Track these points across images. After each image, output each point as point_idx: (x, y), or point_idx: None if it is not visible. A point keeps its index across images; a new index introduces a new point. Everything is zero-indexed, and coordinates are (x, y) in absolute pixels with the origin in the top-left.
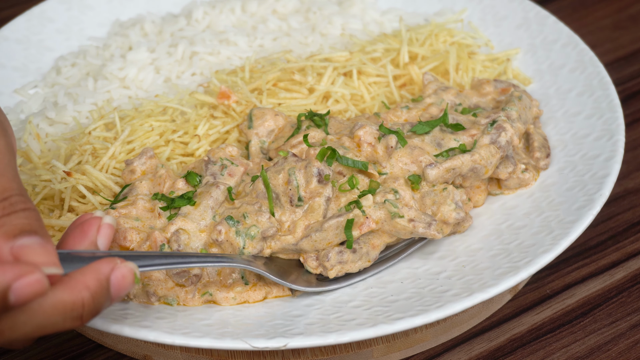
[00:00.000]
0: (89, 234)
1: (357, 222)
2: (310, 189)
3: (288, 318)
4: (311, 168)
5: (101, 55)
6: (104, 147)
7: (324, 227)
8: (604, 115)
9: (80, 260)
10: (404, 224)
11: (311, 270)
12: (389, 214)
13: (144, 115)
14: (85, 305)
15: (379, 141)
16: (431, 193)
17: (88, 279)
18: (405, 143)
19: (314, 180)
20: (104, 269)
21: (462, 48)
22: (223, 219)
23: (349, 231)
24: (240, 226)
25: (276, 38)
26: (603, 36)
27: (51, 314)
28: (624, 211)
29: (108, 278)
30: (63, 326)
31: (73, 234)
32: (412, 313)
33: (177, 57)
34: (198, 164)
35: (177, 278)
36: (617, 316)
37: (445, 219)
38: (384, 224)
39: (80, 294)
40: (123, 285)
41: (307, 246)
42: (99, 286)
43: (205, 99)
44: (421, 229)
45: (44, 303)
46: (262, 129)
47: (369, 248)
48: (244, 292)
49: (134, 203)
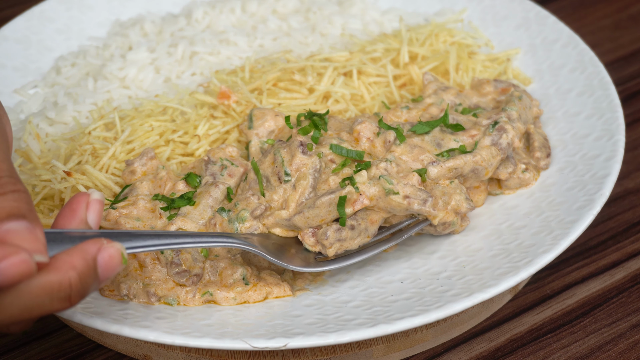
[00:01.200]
0: (78, 211)
1: (350, 199)
2: (296, 163)
3: (288, 318)
4: (294, 142)
5: (101, 55)
6: (104, 147)
7: (316, 204)
8: (604, 115)
9: (70, 241)
10: (399, 201)
11: (309, 248)
12: (383, 190)
13: (144, 115)
14: (73, 285)
15: (378, 136)
16: (439, 186)
17: (74, 260)
18: (403, 139)
19: (298, 153)
20: (91, 249)
21: (462, 48)
22: (216, 212)
23: (342, 208)
24: (231, 214)
25: (276, 38)
26: (603, 36)
27: (38, 295)
28: (624, 211)
29: (95, 258)
30: (51, 307)
31: (63, 213)
32: (412, 313)
33: (177, 57)
34: (198, 163)
35: (178, 278)
36: (618, 316)
37: (457, 208)
38: (378, 200)
39: (67, 274)
40: (110, 265)
41: (301, 222)
42: (85, 266)
43: (205, 99)
44: (416, 206)
45: (31, 284)
46: (262, 129)
47: (367, 224)
48: (244, 293)
49: (135, 203)
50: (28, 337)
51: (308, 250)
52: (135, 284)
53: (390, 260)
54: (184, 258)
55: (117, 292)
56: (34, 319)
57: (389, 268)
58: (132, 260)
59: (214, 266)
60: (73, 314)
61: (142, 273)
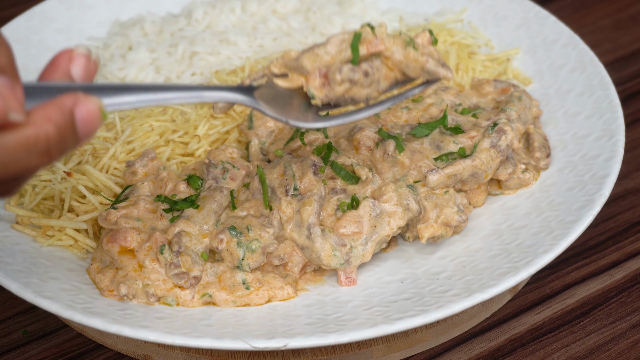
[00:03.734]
0: (61, 64)
1: (366, 38)
2: (305, 180)
3: (288, 318)
4: (307, 160)
5: (101, 55)
6: (104, 147)
7: (328, 40)
8: (604, 115)
9: (49, 94)
10: (416, 56)
11: (314, 92)
12: (402, 41)
13: (144, 115)
14: (51, 138)
15: (377, 147)
16: (433, 196)
17: (50, 112)
18: (402, 149)
19: (310, 172)
20: (67, 102)
21: (462, 48)
22: (226, 229)
23: (356, 45)
24: (242, 237)
25: (276, 38)
26: (603, 36)
27: (14, 150)
28: (624, 211)
29: (72, 111)
30: (29, 163)
31: (45, 69)
32: (412, 313)
33: (177, 57)
34: (199, 165)
35: (177, 279)
36: (617, 316)
37: (447, 221)
38: (394, 52)
39: (43, 126)
40: (90, 120)
41: (308, 62)
42: (63, 119)
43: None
44: (431, 65)
45: (5, 139)
46: (262, 129)
47: (381, 77)
48: (244, 297)
49: (136, 204)
50: (28, 337)
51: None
52: (135, 284)
53: (390, 261)
54: (183, 260)
55: (117, 292)
56: (13, 178)
57: (389, 268)
58: (131, 261)
59: (214, 269)
60: (73, 314)
61: (142, 273)
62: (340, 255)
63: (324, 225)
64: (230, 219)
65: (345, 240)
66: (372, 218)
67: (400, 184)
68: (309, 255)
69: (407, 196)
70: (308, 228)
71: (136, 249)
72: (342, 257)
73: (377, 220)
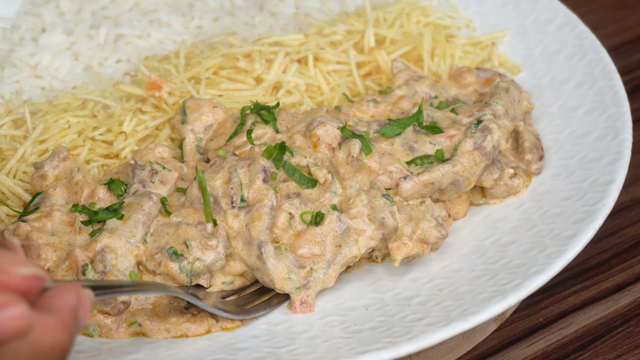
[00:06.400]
0: None
1: None
2: (254, 189)
3: (231, 352)
4: (256, 164)
5: (9, 38)
6: (12, 148)
7: None
8: (608, 110)
9: None
10: None
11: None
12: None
13: (59, 109)
14: (66, 349)
15: (340, 147)
16: (406, 208)
17: (65, 317)
18: (370, 151)
19: (258, 179)
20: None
21: (439, 30)
22: (164, 250)
23: None
24: (183, 260)
25: (217, 18)
26: (606, 16)
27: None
28: (631, 224)
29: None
30: None
31: None
32: (379, 346)
33: (99, 41)
34: (123, 168)
35: (101, 305)
36: (623, 349)
37: (424, 238)
38: None
39: (60, 337)
40: (86, 317)
41: None
42: (74, 324)
43: (132, 91)
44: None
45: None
46: (198, 123)
47: None
48: (180, 325)
49: (49, 215)
50: None
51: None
52: None
53: (353, 283)
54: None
55: None
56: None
57: (352, 292)
58: None
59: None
60: None
61: None
62: (296, 278)
63: (279, 241)
64: (162, 228)
65: (304, 262)
66: (336, 236)
67: (374, 193)
68: (260, 277)
69: (382, 209)
70: (258, 247)
71: (52, 269)
72: (298, 281)
73: (342, 239)
